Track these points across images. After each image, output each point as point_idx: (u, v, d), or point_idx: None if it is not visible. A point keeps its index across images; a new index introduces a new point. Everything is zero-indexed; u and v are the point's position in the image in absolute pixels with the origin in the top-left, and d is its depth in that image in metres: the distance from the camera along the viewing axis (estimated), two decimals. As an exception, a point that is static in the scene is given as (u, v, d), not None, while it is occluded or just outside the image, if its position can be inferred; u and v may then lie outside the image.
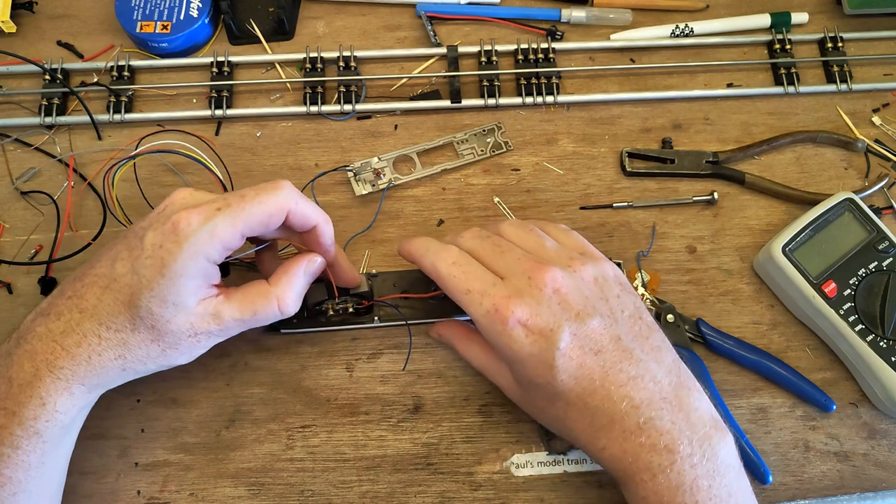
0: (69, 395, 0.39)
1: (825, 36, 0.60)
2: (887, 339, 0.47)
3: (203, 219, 0.37)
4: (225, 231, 0.38)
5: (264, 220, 0.39)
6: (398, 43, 0.60)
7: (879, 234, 0.50)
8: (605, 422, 0.38)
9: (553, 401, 0.40)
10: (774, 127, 0.57)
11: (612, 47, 0.60)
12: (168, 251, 0.37)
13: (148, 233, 0.38)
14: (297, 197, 0.40)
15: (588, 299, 0.39)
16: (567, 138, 0.56)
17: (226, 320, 0.40)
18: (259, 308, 0.41)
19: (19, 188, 0.53)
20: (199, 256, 0.37)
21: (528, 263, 0.40)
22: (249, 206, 0.38)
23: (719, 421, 0.39)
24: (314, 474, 0.46)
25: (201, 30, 0.58)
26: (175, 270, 0.37)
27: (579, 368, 0.38)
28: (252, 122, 0.56)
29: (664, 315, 0.50)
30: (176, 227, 0.37)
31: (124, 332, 0.39)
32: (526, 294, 0.39)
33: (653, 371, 0.39)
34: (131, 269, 0.38)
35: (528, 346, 0.38)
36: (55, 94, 0.55)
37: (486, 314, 0.39)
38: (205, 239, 0.37)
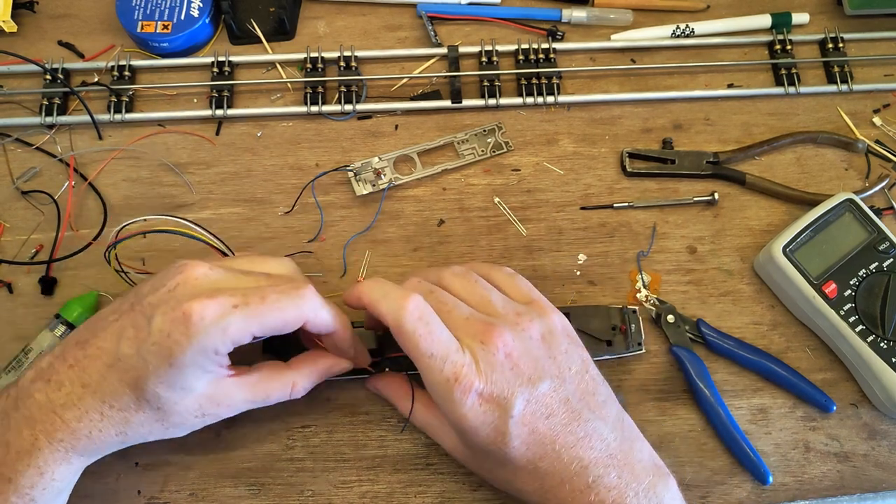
0: (67, 465, 0.38)
1: (826, 36, 0.60)
2: (887, 339, 0.47)
3: (218, 315, 0.36)
4: (238, 331, 0.36)
5: (279, 326, 0.38)
6: (399, 43, 0.60)
7: (880, 234, 0.50)
8: (554, 483, 0.38)
9: (502, 464, 0.39)
10: (775, 127, 0.57)
11: (612, 47, 0.60)
12: (176, 342, 0.36)
13: (157, 316, 0.36)
14: (318, 307, 0.39)
15: (538, 361, 0.39)
16: (567, 138, 0.56)
17: (236, 403, 0.40)
18: (273, 391, 0.41)
19: (20, 188, 0.53)
20: (208, 350, 0.36)
21: (478, 325, 0.39)
22: (267, 311, 0.37)
23: (661, 466, 0.40)
24: (314, 474, 0.46)
25: (202, 30, 0.58)
26: (182, 361, 0.36)
27: (531, 434, 0.38)
28: (253, 122, 0.56)
29: (664, 315, 0.50)
30: (187, 319, 0.36)
31: (128, 411, 0.38)
32: (481, 360, 0.38)
33: (600, 430, 0.39)
34: (137, 352, 0.37)
35: (481, 414, 0.38)
36: (56, 94, 0.55)
37: (445, 382, 0.38)
38: (216, 336, 0.36)
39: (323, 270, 0.51)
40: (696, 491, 0.46)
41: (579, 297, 0.51)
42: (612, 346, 0.48)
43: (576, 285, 0.51)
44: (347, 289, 0.42)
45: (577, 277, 0.52)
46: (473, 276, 0.43)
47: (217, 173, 0.54)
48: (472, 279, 0.43)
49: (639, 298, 0.51)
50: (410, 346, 0.39)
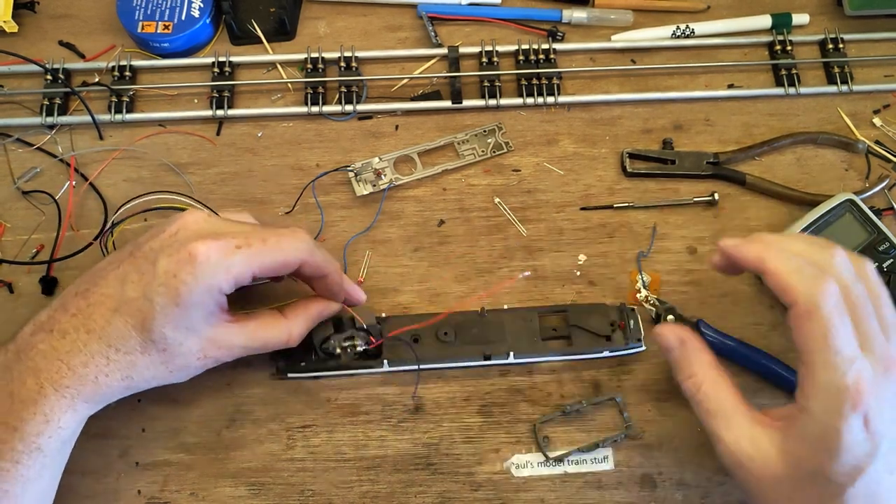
0: (73, 412, 0.39)
1: (826, 37, 0.60)
2: (888, 340, 0.47)
3: (222, 255, 0.38)
4: (241, 270, 0.38)
5: (278, 267, 0.40)
6: (399, 43, 0.60)
7: (880, 235, 0.50)
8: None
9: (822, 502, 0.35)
10: (775, 128, 0.57)
11: (612, 48, 0.60)
12: (183, 282, 0.37)
13: (161, 258, 0.38)
14: (314, 249, 0.41)
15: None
16: (568, 139, 0.56)
17: (235, 347, 0.42)
18: (270, 339, 0.43)
19: (21, 188, 0.53)
20: (213, 289, 0.38)
21: (885, 349, 0.35)
22: (268, 252, 0.39)
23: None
24: (314, 474, 0.46)
25: (202, 30, 0.58)
26: (189, 301, 0.38)
27: (879, 483, 0.34)
28: (253, 123, 0.56)
29: (664, 315, 0.50)
30: (193, 258, 0.37)
31: (133, 354, 0.39)
32: (881, 384, 0.34)
33: None
34: (143, 294, 0.38)
35: (857, 442, 0.33)
36: (56, 94, 0.55)
37: (840, 389, 0.33)
38: (221, 274, 0.38)
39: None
40: (696, 491, 0.46)
41: (579, 297, 0.51)
42: (611, 342, 0.48)
43: (576, 286, 0.51)
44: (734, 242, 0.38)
45: (577, 278, 0.52)
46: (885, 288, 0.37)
47: (217, 173, 0.54)
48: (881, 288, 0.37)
49: (639, 299, 0.51)
50: (816, 335, 0.34)
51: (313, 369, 0.47)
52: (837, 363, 0.34)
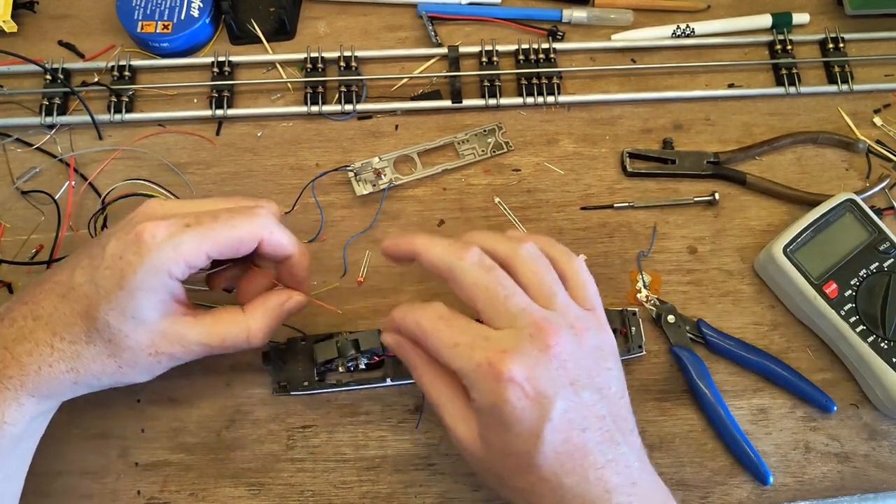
0: (18, 406, 0.37)
1: (826, 36, 0.60)
2: (888, 340, 0.47)
3: (169, 233, 0.36)
4: (190, 250, 0.36)
5: (233, 245, 0.38)
6: (399, 43, 0.60)
7: (880, 234, 0.50)
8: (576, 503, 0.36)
9: (523, 472, 0.36)
10: (775, 127, 0.57)
11: (612, 47, 0.60)
12: (128, 263, 0.35)
13: (111, 241, 0.36)
14: (273, 226, 0.39)
15: (585, 369, 0.37)
16: (568, 138, 0.56)
17: (190, 343, 0.39)
18: (228, 336, 0.40)
19: (20, 188, 0.53)
20: (160, 272, 0.36)
21: (533, 317, 0.36)
22: (220, 229, 0.37)
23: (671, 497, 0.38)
24: (314, 474, 0.46)
25: (202, 30, 0.58)
26: (134, 283, 0.36)
27: (564, 444, 0.35)
28: (253, 122, 0.56)
29: (665, 315, 0.50)
30: (139, 239, 0.36)
31: (79, 343, 0.37)
32: (525, 352, 0.35)
33: (627, 456, 0.37)
34: (90, 278, 0.36)
35: (518, 409, 0.35)
36: (56, 94, 0.55)
37: (477, 367, 0.35)
38: (168, 254, 0.36)
39: (323, 270, 0.51)
40: (696, 491, 0.46)
41: (579, 297, 0.51)
42: None
43: (576, 285, 0.51)
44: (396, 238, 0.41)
45: (577, 277, 0.52)
46: (545, 262, 0.40)
47: (217, 173, 0.54)
48: (543, 267, 0.39)
49: (639, 299, 0.51)
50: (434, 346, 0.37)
51: (316, 388, 0.47)
52: (460, 352, 0.36)
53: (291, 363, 0.46)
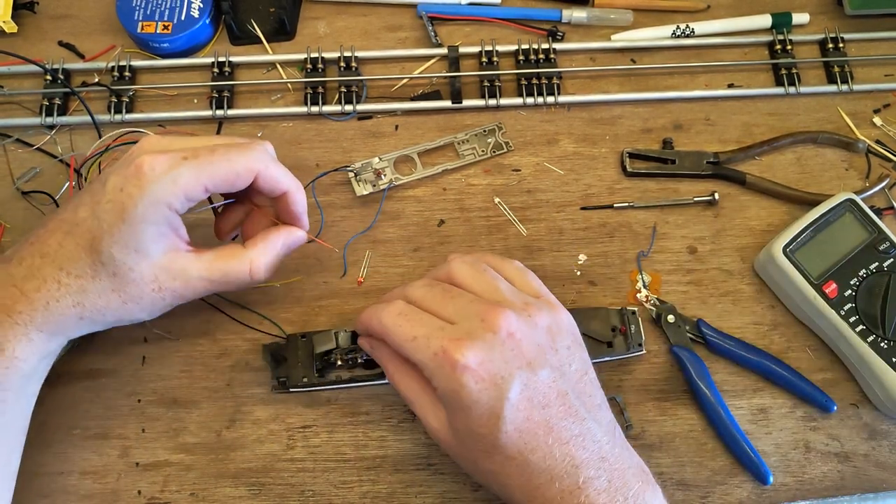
0: (28, 342, 0.38)
1: (826, 36, 0.60)
2: (888, 339, 0.47)
3: (168, 166, 0.37)
4: (188, 182, 0.37)
5: (230, 177, 0.39)
6: (399, 43, 0.60)
7: (880, 234, 0.50)
8: (543, 480, 0.37)
9: (490, 454, 0.37)
10: (775, 127, 0.57)
11: (612, 48, 0.60)
12: (129, 195, 0.36)
13: (110, 177, 0.37)
14: (269, 160, 0.40)
15: (540, 348, 0.38)
16: (568, 139, 0.56)
17: (192, 278, 0.40)
18: (231, 270, 0.41)
19: (20, 188, 0.53)
20: (160, 203, 0.37)
21: (480, 306, 0.38)
22: (217, 161, 0.38)
23: (649, 475, 0.39)
24: (315, 474, 0.46)
25: (202, 30, 0.58)
26: (135, 215, 0.37)
27: (525, 422, 0.36)
28: (253, 123, 0.56)
29: (665, 315, 0.50)
30: (139, 171, 0.36)
31: (84, 278, 0.38)
32: (478, 337, 0.37)
33: (594, 430, 0.38)
34: (92, 213, 0.37)
35: (475, 392, 0.36)
36: (56, 95, 0.55)
37: (434, 357, 0.37)
38: (167, 186, 0.37)
39: (323, 270, 0.51)
40: (696, 491, 0.46)
41: (580, 297, 0.51)
42: (612, 348, 0.48)
43: (576, 285, 0.51)
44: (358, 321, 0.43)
45: (577, 277, 0.52)
46: (482, 265, 0.42)
47: (217, 174, 0.54)
48: (480, 268, 0.42)
49: (639, 299, 0.51)
50: (395, 338, 0.39)
51: (315, 384, 0.47)
52: (418, 345, 0.38)
53: (291, 360, 0.46)
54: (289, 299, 0.50)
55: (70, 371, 0.48)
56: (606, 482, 0.37)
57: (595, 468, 0.37)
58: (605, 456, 0.38)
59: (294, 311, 0.50)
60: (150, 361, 0.49)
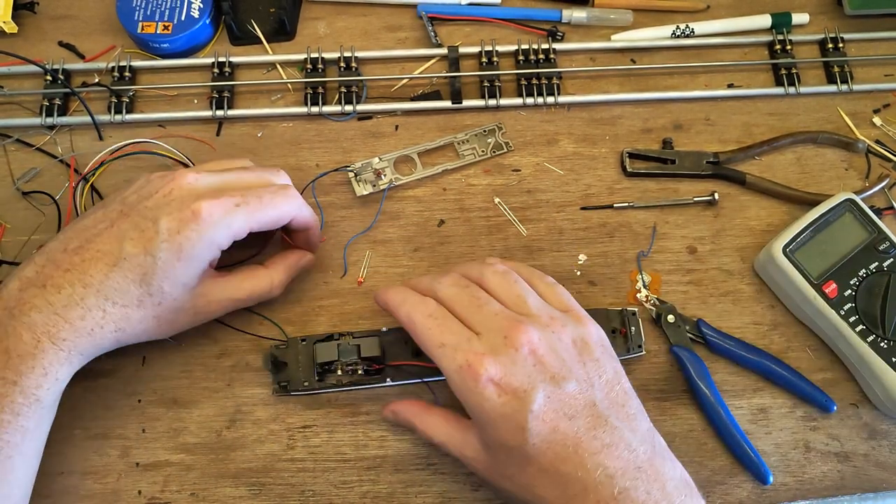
0: (69, 364, 0.40)
1: (826, 36, 0.60)
2: (888, 339, 0.47)
3: (224, 212, 0.41)
4: (240, 226, 0.42)
5: (273, 222, 0.44)
6: (399, 43, 0.60)
7: (880, 234, 0.50)
8: (578, 491, 0.37)
9: (523, 466, 0.38)
10: (775, 127, 0.57)
11: (612, 48, 0.60)
12: (187, 238, 0.40)
13: (162, 217, 0.40)
14: (303, 205, 0.45)
15: (565, 362, 0.39)
16: (568, 139, 0.56)
17: (223, 300, 0.44)
18: (255, 288, 0.46)
19: (21, 189, 0.53)
20: (213, 245, 0.41)
21: (505, 321, 0.39)
22: (265, 209, 0.42)
23: (692, 485, 0.38)
24: (315, 474, 0.46)
25: (202, 30, 0.58)
26: (192, 256, 0.40)
27: (552, 433, 0.37)
28: (253, 123, 0.56)
29: (665, 315, 0.50)
30: (197, 216, 0.40)
31: (130, 307, 0.40)
32: (500, 352, 0.38)
33: (627, 439, 0.38)
34: (144, 250, 0.40)
35: (499, 406, 0.37)
36: (56, 95, 0.55)
37: (459, 370, 0.38)
38: (223, 231, 0.41)
39: (324, 270, 0.51)
40: (696, 491, 0.46)
41: (579, 297, 0.51)
42: None
43: (576, 285, 0.51)
44: (379, 291, 0.45)
45: (577, 278, 0.52)
46: (514, 275, 0.43)
47: (217, 174, 0.54)
48: (511, 279, 0.42)
49: (639, 298, 0.51)
50: (424, 341, 0.40)
51: (316, 388, 0.47)
52: (445, 353, 0.39)
53: (292, 364, 0.47)
54: (289, 299, 0.50)
55: (70, 371, 0.48)
56: (645, 493, 0.36)
57: (631, 478, 0.37)
58: (641, 466, 0.37)
59: (294, 312, 0.50)
60: (150, 361, 0.49)
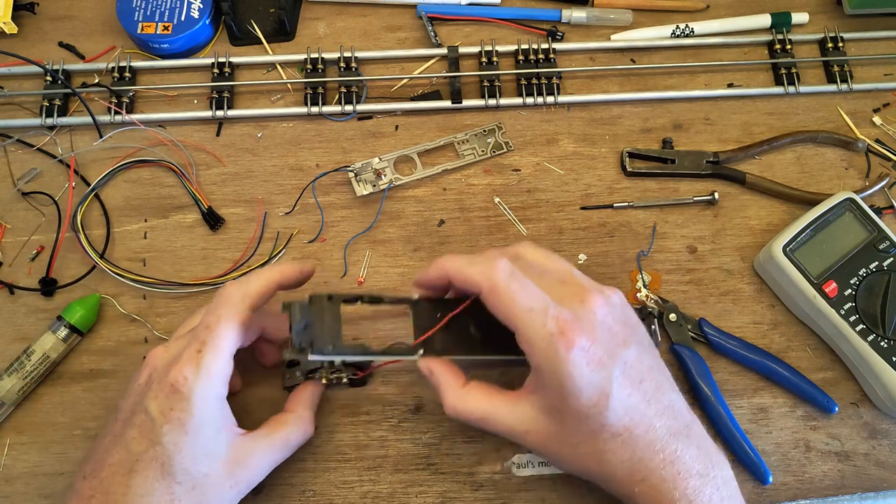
0: None
1: (825, 36, 0.60)
2: (888, 338, 0.47)
3: (193, 367, 0.38)
4: (216, 364, 0.39)
5: (238, 328, 0.40)
6: (399, 44, 0.60)
7: (880, 233, 0.50)
8: (647, 453, 0.38)
9: (597, 433, 0.38)
10: (775, 127, 0.57)
11: (612, 48, 0.60)
12: (182, 409, 0.37)
13: (150, 404, 0.38)
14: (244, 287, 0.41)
15: (626, 326, 0.39)
16: (567, 138, 0.56)
17: (262, 461, 0.41)
18: (290, 435, 0.43)
19: (21, 189, 0.53)
20: (209, 400, 0.38)
21: (573, 287, 0.39)
22: (219, 330, 0.39)
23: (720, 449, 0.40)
24: (315, 474, 0.46)
25: (202, 31, 0.58)
26: (195, 424, 0.38)
27: (629, 398, 0.37)
28: (253, 123, 0.56)
29: (667, 314, 0.50)
30: (175, 387, 0.38)
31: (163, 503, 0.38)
32: (584, 319, 0.37)
33: (677, 403, 0.39)
34: (150, 442, 0.38)
35: (588, 374, 0.36)
36: (56, 95, 0.55)
37: (550, 337, 0.36)
38: (205, 382, 0.38)
39: (324, 271, 0.51)
40: (696, 490, 0.46)
41: (580, 296, 0.51)
42: None
43: (576, 285, 0.51)
44: (425, 267, 0.42)
45: (577, 277, 0.52)
46: (545, 249, 0.42)
47: (218, 174, 0.54)
48: (547, 252, 0.42)
49: (639, 298, 0.51)
50: (507, 303, 0.38)
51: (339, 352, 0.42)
52: (534, 318, 0.37)
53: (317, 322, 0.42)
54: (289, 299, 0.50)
55: (70, 371, 0.48)
56: (696, 448, 0.38)
57: (685, 436, 0.38)
58: (688, 424, 0.39)
59: (294, 312, 0.50)
60: (150, 362, 0.49)
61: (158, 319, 0.50)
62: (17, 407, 0.47)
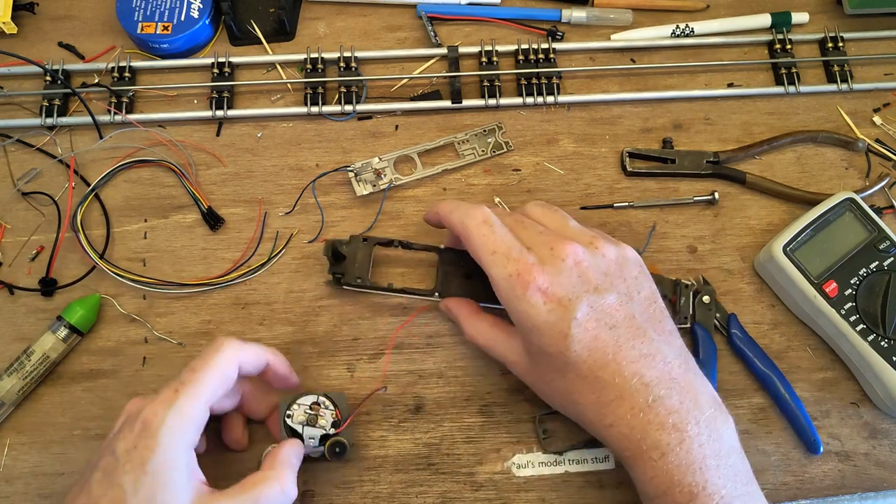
0: None
1: (826, 36, 0.60)
2: (888, 338, 0.47)
3: (166, 405, 0.37)
4: (191, 407, 0.37)
5: (221, 379, 0.39)
6: (399, 43, 0.60)
7: (880, 233, 0.50)
8: (613, 397, 0.39)
9: (563, 372, 0.40)
10: (775, 127, 0.57)
11: (612, 47, 0.60)
12: (145, 447, 0.36)
13: (118, 444, 0.36)
14: (240, 344, 0.41)
15: (607, 276, 0.40)
16: (567, 138, 0.56)
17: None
18: (264, 497, 0.39)
19: (21, 189, 0.53)
20: (177, 442, 0.36)
21: (550, 236, 0.41)
22: (202, 374, 0.39)
23: (722, 405, 0.40)
24: (315, 474, 0.46)
25: (202, 31, 0.58)
26: (156, 464, 0.35)
27: (593, 340, 0.39)
28: (253, 123, 0.56)
29: (702, 294, 0.50)
30: (145, 425, 0.36)
31: None
32: (547, 263, 0.40)
33: (664, 352, 0.40)
34: (109, 483, 0.35)
35: (545, 313, 0.39)
36: (56, 95, 0.55)
37: (508, 277, 0.40)
38: (176, 422, 0.36)
39: (324, 271, 0.51)
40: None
41: (580, 296, 0.51)
42: None
43: (576, 285, 0.51)
44: (427, 209, 0.47)
45: (577, 277, 0.52)
46: (553, 207, 0.45)
47: (218, 174, 0.54)
48: (552, 208, 0.45)
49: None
50: (476, 246, 0.41)
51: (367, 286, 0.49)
52: (496, 259, 0.40)
53: (350, 259, 0.48)
54: (289, 299, 0.50)
55: (70, 371, 0.48)
56: (678, 402, 0.38)
57: (665, 388, 0.39)
58: (675, 378, 0.39)
59: (294, 312, 0.50)
60: (150, 362, 0.49)
61: (158, 319, 0.50)
62: (17, 407, 0.47)
